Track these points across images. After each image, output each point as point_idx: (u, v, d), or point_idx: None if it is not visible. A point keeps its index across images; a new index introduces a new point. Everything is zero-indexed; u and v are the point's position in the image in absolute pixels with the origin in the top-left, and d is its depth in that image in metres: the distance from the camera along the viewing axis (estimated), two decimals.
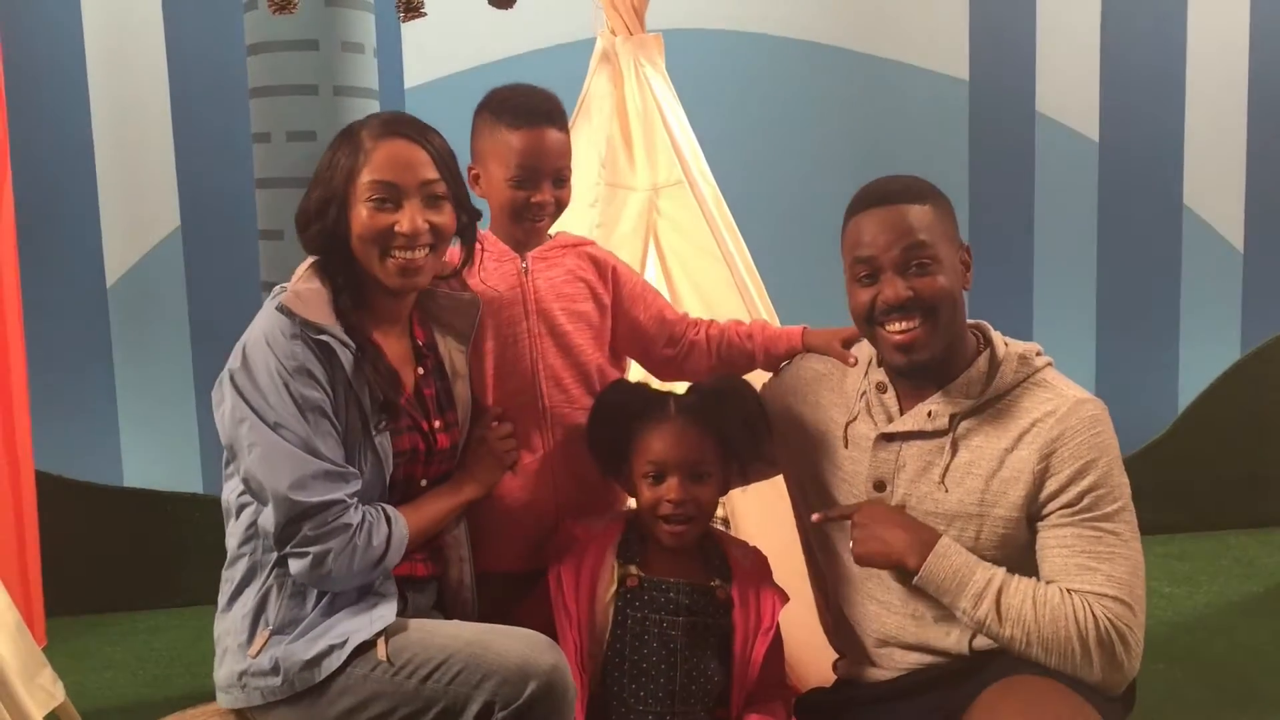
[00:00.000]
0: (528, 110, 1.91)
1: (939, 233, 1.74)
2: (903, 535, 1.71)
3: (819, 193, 4.00)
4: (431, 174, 1.73)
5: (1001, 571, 1.68)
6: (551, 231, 2.05)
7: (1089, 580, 1.63)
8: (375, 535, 1.66)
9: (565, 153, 1.96)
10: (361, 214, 1.71)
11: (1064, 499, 1.67)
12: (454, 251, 1.90)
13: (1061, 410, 1.70)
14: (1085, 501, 1.66)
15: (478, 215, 1.85)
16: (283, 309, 1.67)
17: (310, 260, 1.79)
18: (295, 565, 1.65)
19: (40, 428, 3.35)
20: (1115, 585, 1.62)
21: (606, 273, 2.05)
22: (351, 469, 1.67)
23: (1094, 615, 1.61)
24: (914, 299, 1.71)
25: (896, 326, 1.73)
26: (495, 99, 1.95)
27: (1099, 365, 4.25)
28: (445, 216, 1.76)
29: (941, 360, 1.75)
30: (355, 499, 1.66)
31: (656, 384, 2.20)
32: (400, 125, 1.75)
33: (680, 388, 2.08)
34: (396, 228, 1.71)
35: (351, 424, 1.69)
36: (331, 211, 1.72)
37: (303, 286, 1.71)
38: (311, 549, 1.62)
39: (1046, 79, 4.08)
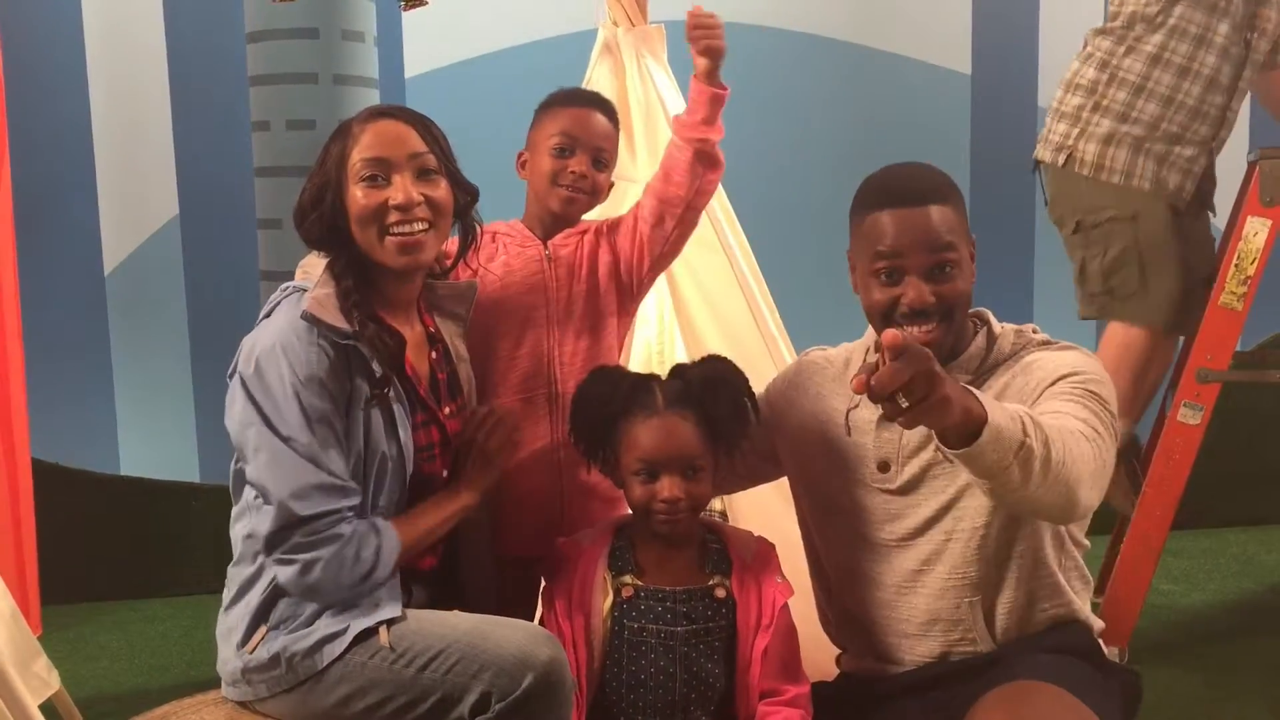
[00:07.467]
0: (580, 95, 2.08)
1: (959, 233, 1.73)
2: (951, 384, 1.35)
3: (819, 186, 3.98)
4: (419, 146, 1.73)
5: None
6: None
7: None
8: (365, 548, 1.64)
9: (610, 136, 2.03)
10: (356, 195, 1.71)
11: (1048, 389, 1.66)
12: (452, 242, 1.90)
13: (1049, 355, 1.72)
14: (1073, 379, 1.64)
15: (476, 193, 1.84)
16: (307, 316, 1.66)
17: (325, 263, 1.77)
18: (284, 573, 1.65)
19: (37, 415, 3.34)
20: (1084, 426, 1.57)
21: (605, 237, 2.05)
22: (352, 484, 1.66)
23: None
24: (936, 304, 1.71)
25: (915, 329, 1.71)
26: (552, 95, 2.06)
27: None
28: (440, 191, 1.75)
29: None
30: (352, 513, 1.65)
31: (640, 366, 2.17)
32: (388, 109, 1.78)
33: (663, 369, 2.05)
34: (390, 201, 1.70)
35: (373, 425, 1.68)
36: (328, 198, 1.72)
37: (322, 292, 1.70)
38: (300, 556, 1.62)
39: (1049, 73, 4.05)
